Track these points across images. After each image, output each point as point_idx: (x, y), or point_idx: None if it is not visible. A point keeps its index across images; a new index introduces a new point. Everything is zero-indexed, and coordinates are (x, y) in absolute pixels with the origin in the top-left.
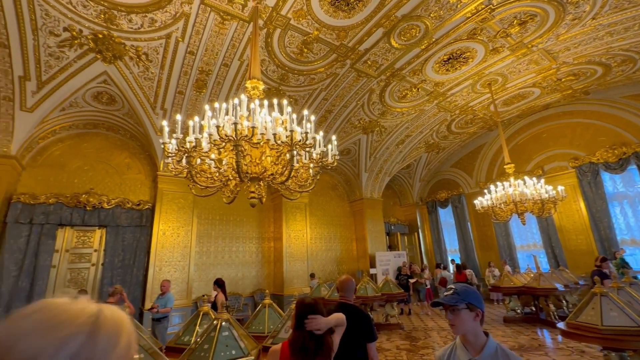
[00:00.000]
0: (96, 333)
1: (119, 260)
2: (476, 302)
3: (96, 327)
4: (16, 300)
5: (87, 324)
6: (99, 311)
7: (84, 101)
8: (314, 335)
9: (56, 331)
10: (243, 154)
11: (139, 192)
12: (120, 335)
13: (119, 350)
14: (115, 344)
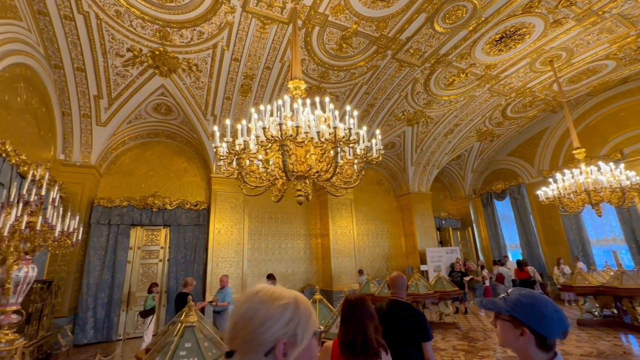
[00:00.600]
0: (299, 305)
1: (182, 256)
2: (524, 318)
3: (297, 302)
4: (101, 291)
5: (292, 298)
6: (295, 293)
7: (146, 113)
8: (361, 332)
9: (277, 302)
10: (289, 153)
11: (195, 194)
12: (311, 309)
13: (313, 318)
14: (310, 314)
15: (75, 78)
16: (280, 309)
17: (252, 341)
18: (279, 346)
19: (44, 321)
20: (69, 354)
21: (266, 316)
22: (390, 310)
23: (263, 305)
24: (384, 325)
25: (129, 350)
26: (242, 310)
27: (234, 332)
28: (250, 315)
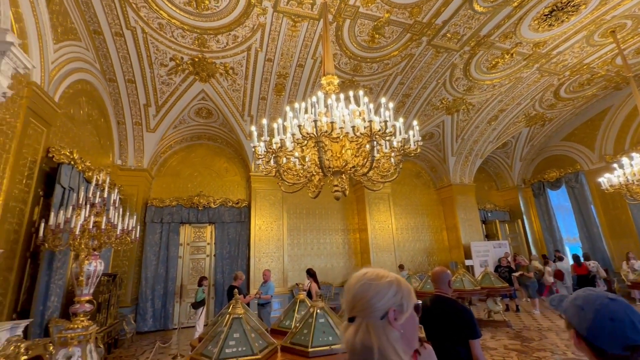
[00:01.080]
0: (400, 283)
1: (227, 251)
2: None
3: (399, 280)
4: (157, 284)
5: (394, 277)
6: (394, 274)
7: (189, 117)
8: None
9: (384, 279)
10: (324, 149)
11: (236, 192)
12: (410, 287)
13: (413, 293)
14: (410, 290)
15: (127, 89)
16: (387, 284)
17: (369, 309)
18: (390, 312)
19: (111, 310)
20: (133, 340)
21: (377, 290)
22: (435, 306)
23: (374, 282)
24: (429, 321)
25: (184, 339)
26: (357, 286)
27: (354, 303)
28: (365, 289)
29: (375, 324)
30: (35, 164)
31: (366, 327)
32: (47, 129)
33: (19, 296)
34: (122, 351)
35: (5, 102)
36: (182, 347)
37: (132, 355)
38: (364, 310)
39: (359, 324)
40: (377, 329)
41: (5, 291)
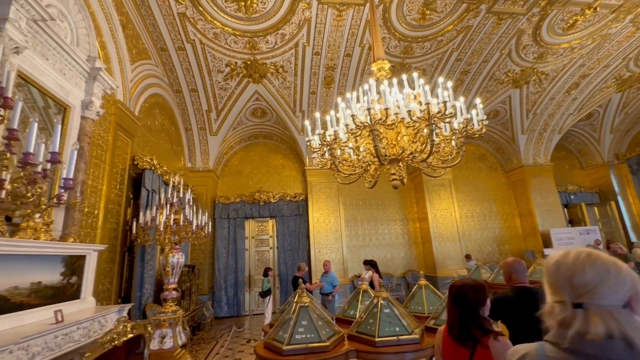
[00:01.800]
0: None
1: (288, 244)
2: None
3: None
4: (228, 274)
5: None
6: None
7: (246, 118)
8: (464, 318)
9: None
10: (379, 137)
11: (293, 187)
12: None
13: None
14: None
15: (191, 98)
16: (627, 270)
17: (613, 295)
18: (633, 300)
19: (193, 297)
20: (212, 324)
21: (620, 276)
22: (521, 298)
23: (613, 267)
24: (513, 313)
25: (255, 324)
26: (591, 269)
27: (586, 288)
28: (605, 274)
29: (619, 311)
30: (125, 171)
31: (610, 314)
32: (131, 140)
33: (121, 284)
34: (204, 334)
35: (99, 119)
36: (254, 332)
37: (212, 337)
38: (606, 296)
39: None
40: (622, 317)
41: (111, 280)
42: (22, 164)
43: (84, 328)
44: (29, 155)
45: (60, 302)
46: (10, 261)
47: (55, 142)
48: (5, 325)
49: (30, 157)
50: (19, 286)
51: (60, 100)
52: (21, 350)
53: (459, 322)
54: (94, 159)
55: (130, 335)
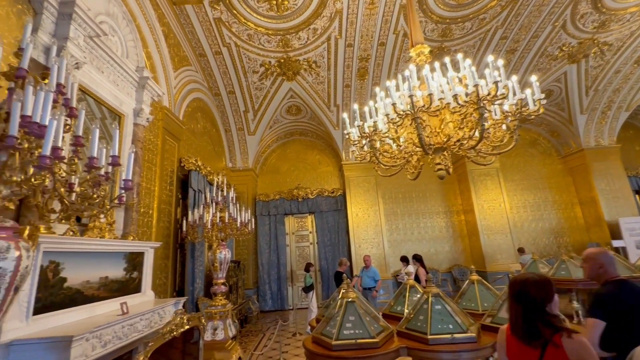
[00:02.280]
0: None
1: (327, 239)
2: None
3: None
4: (271, 269)
5: None
6: None
7: (281, 116)
8: (529, 315)
9: None
10: (422, 125)
11: (331, 182)
12: None
13: None
14: None
15: (229, 100)
16: None
17: None
18: None
19: (239, 291)
20: (258, 317)
21: None
22: (628, 293)
23: None
24: (622, 310)
25: (300, 318)
26: None
27: None
28: None
29: None
30: (173, 173)
31: None
32: (178, 143)
33: (175, 278)
34: (251, 326)
35: (149, 125)
36: (299, 325)
37: (259, 330)
38: None
39: None
40: None
41: (166, 274)
42: (88, 167)
43: (146, 319)
44: (93, 159)
45: (125, 295)
46: (83, 258)
47: (115, 146)
48: (82, 315)
49: (95, 161)
50: (90, 280)
51: (115, 109)
52: (95, 338)
53: (523, 320)
54: (146, 163)
55: (187, 327)
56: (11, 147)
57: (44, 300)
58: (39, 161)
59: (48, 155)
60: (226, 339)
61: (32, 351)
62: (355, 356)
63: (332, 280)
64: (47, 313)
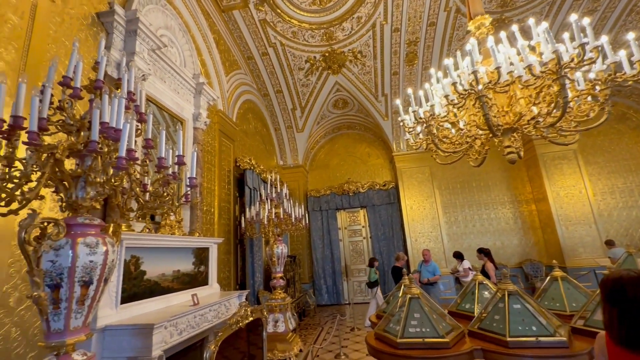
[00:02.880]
0: None
1: (381, 233)
2: None
3: None
4: (325, 264)
5: None
6: None
7: (328, 111)
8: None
9: None
10: (488, 104)
11: (382, 175)
12: None
13: None
14: None
15: (277, 99)
16: None
17: None
18: None
19: (297, 285)
20: (315, 311)
21: None
22: None
23: None
24: None
25: (356, 313)
26: None
27: None
28: None
29: None
30: (230, 172)
31: None
32: (233, 144)
33: (237, 272)
34: (309, 319)
35: (206, 129)
36: (356, 320)
37: (317, 323)
38: None
39: None
40: None
41: (229, 268)
42: (158, 168)
43: (214, 310)
44: (162, 159)
45: (195, 287)
46: (157, 253)
47: (180, 146)
48: (160, 305)
49: (163, 161)
50: (165, 273)
51: (177, 115)
52: (172, 326)
53: (620, 324)
54: (206, 164)
55: (251, 319)
56: (94, 151)
57: (128, 291)
58: (116, 163)
59: (124, 156)
60: (287, 331)
61: (121, 336)
62: (424, 356)
63: (388, 275)
64: (132, 302)
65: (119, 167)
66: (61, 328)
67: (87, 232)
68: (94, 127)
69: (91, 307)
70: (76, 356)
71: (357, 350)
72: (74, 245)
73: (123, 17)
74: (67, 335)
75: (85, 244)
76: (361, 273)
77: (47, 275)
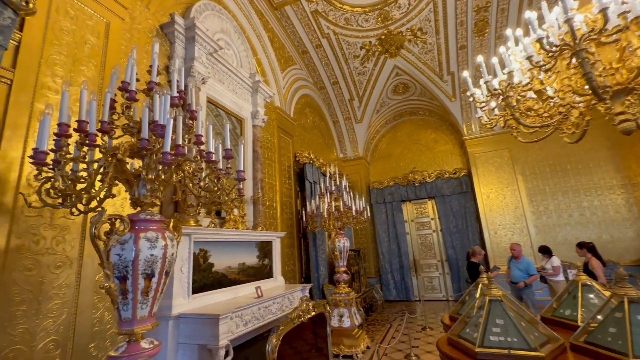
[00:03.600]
0: None
1: (453, 225)
2: None
3: None
4: (392, 258)
5: None
6: None
7: (387, 98)
8: None
9: None
10: (590, 61)
11: (451, 162)
12: None
13: None
14: None
15: (333, 91)
16: None
17: None
18: None
19: (362, 280)
20: (383, 307)
21: None
22: None
23: None
24: None
25: (427, 311)
26: None
27: None
28: None
29: None
30: (290, 167)
31: None
32: (291, 139)
33: (302, 266)
34: (377, 315)
35: (265, 126)
36: (428, 319)
37: (385, 319)
38: None
39: None
40: None
41: (294, 262)
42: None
43: (277, 303)
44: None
45: (260, 279)
46: (223, 246)
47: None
48: (228, 296)
49: (211, 156)
50: (231, 266)
51: (237, 114)
52: (238, 317)
53: None
54: (266, 160)
55: (313, 313)
56: (144, 149)
57: (199, 282)
58: (162, 158)
59: (168, 151)
60: (352, 327)
61: (193, 324)
62: None
63: (462, 271)
64: (202, 293)
65: (164, 162)
66: (130, 317)
67: (148, 227)
68: (144, 125)
69: (155, 298)
70: (144, 344)
71: (430, 352)
72: (136, 240)
73: (182, 26)
74: (135, 324)
75: (146, 239)
76: (432, 268)
77: (115, 268)
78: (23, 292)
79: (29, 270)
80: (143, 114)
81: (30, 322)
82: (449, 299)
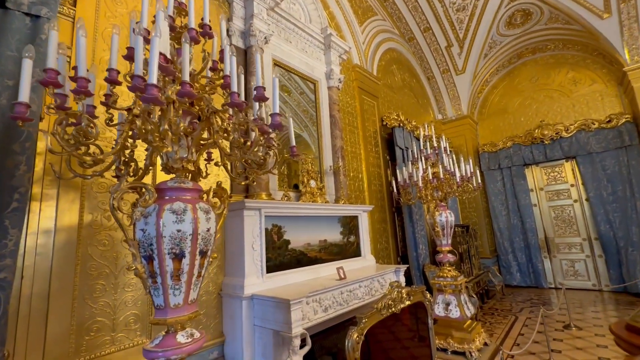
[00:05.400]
0: None
1: (608, 193)
2: None
3: None
4: (513, 236)
5: None
6: None
7: (499, 35)
8: None
9: None
10: None
11: (601, 107)
12: None
13: None
14: None
15: (425, 40)
16: None
17: None
18: None
19: (474, 261)
20: (504, 293)
21: None
22: None
23: None
24: None
25: (572, 303)
26: None
27: None
28: None
29: None
30: (377, 133)
31: None
32: (376, 101)
33: (397, 244)
34: (496, 303)
35: (343, 87)
36: (572, 314)
37: (507, 309)
38: None
39: None
40: None
41: (387, 239)
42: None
43: (365, 286)
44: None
45: (345, 258)
46: (300, 221)
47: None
48: (308, 276)
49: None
50: (311, 243)
51: (309, 76)
52: (315, 302)
53: None
54: (347, 126)
55: (408, 302)
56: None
57: (274, 260)
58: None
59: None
60: (462, 318)
61: (266, 307)
62: None
63: (625, 254)
64: (278, 272)
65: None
66: (162, 304)
67: (179, 197)
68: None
69: (189, 283)
70: (180, 338)
71: None
72: (159, 212)
73: None
74: (168, 313)
75: (171, 211)
76: (574, 249)
77: (141, 246)
78: (100, 266)
79: (103, 245)
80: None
81: (109, 295)
82: (602, 289)
